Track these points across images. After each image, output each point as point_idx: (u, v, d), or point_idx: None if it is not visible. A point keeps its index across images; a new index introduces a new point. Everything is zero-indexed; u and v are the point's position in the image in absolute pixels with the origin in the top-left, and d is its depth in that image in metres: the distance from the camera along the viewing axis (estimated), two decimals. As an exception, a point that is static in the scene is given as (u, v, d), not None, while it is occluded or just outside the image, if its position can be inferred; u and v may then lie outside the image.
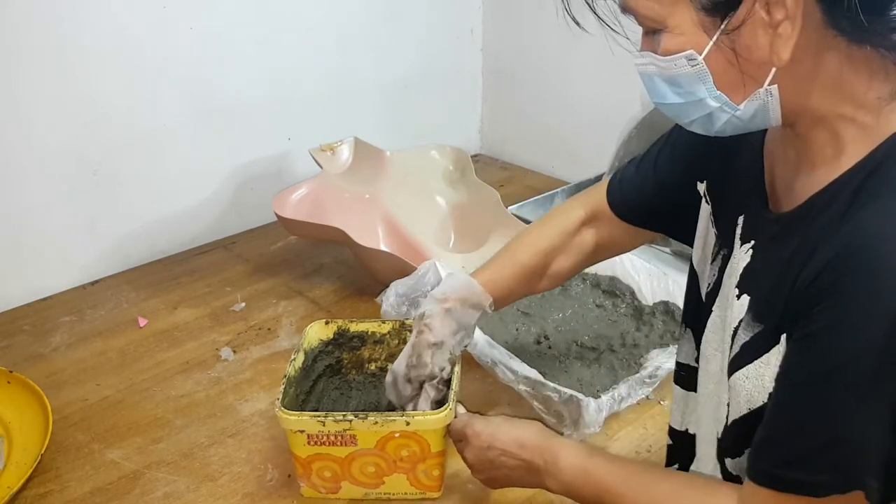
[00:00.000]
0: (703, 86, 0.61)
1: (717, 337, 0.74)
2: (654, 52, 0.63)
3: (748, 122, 0.63)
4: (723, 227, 0.74)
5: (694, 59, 0.60)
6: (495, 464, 0.83)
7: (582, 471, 0.76)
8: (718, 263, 0.74)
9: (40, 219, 1.35)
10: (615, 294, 1.25)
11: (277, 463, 0.97)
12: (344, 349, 1.05)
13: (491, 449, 0.82)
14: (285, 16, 1.55)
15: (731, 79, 0.61)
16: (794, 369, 0.60)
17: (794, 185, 0.65)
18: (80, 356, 1.21)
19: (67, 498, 0.93)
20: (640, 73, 0.66)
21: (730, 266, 0.71)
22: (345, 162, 1.45)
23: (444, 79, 1.91)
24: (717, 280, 0.74)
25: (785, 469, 0.60)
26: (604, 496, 0.74)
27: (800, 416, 0.59)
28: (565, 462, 0.77)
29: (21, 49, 1.24)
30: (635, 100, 1.49)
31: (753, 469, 0.63)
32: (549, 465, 0.78)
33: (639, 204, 0.90)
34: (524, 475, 0.81)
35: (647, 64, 0.64)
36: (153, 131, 1.44)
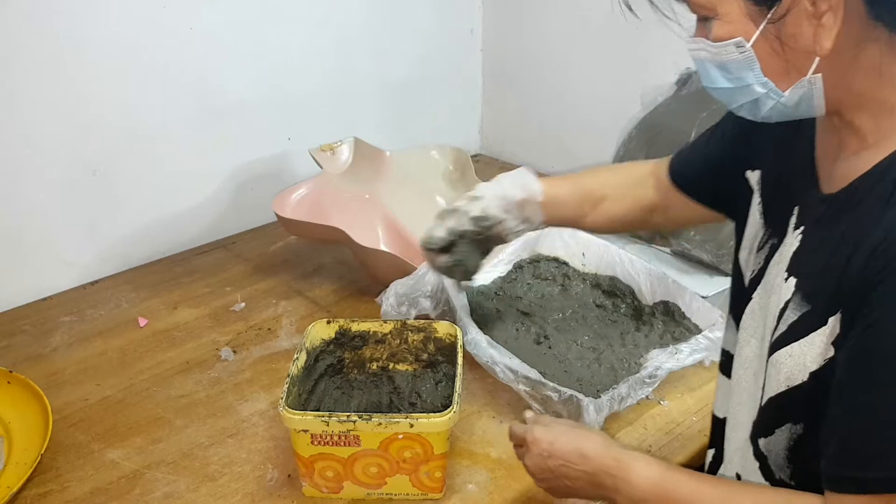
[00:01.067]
0: (750, 72, 0.64)
1: (754, 323, 0.75)
2: (706, 38, 0.66)
3: (793, 108, 0.66)
4: (775, 217, 0.76)
5: (742, 46, 0.63)
6: (556, 473, 0.80)
7: (658, 486, 0.72)
8: (765, 252, 0.75)
9: (40, 219, 1.35)
10: (615, 294, 1.25)
11: (277, 463, 0.97)
12: (345, 349, 1.05)
13: (551, 458, 0.79)
14: (285, 16, 1.55)
15: (776, 66, 0.63)
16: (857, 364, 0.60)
17: (839, 169, 0.67)
18: (80, 356, 1.20)
19: (67, 498, 0.93)
20: (692, 58, 0.69)
21: (778, 254, 0.72)
22: (345, 162, 1.45)
23: (444, 79, 1.91)
24: (761, 268, 0.75)
25: (866, 470, 0.60)
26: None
27: (871, 411, 0.59)
28: (639, 477, 0.74)
29: (21, 49, 1.24)
30: (635, 100, 1.49)
31: (833, 477, 0.62)
32: (619, 480, 0.75)
33: (691, 175, 0.92)
34: (587, 487, 0.78)
35: (699, 49, 0.67)
36: (153, 131, 1.44)
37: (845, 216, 0.64)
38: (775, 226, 0.75)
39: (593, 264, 1.30)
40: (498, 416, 1.05)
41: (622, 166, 1.03)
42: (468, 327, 1.07)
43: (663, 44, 1.58)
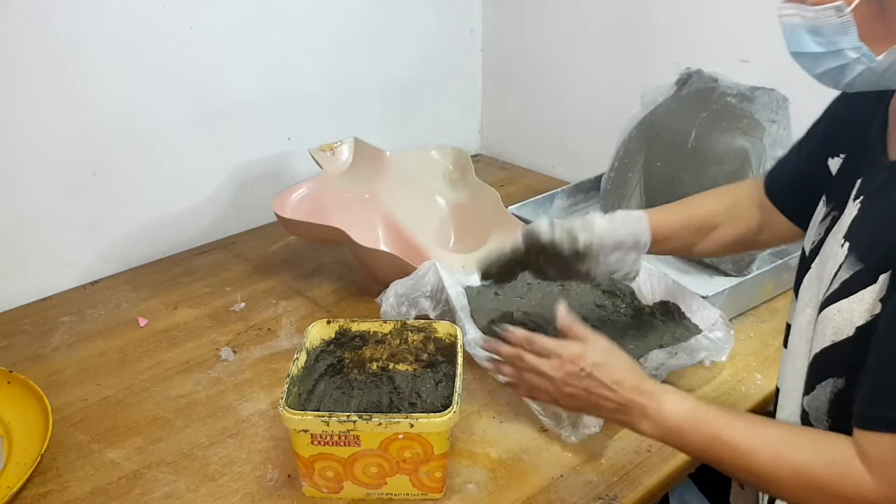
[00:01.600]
0: (845, 36, 0.66)
1: (811, 291, 0.77)
2: (802, 2, 0.67)
3: (881, 75, 0.67)
4: (839, 190, 0.77)
5: (842, 10, 0.65)
6: (586, 391, 0.82)
7: (690, 418, 0.76)
8: (826, 223, 0.77)
9: (40, 219, 1.35)
10: (615, 294, 1.25)
11: (277, 463, 0.97)
12: (345, 349, 1.05)
13: (590, 378, 0.81)
14: (285, 16, 1.55)
15: (875, 31, 0.65)
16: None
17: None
18: (80, 356, 1.20)
19: (67, 498, 0.93)
20: (782, 24, 0.71)
21: (838, 224, 0.74)
22: (345, 162, 1.45)
23: (444, 79, 1.91)
24: (821, 238, 0.77)
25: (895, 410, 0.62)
26: (714, 445, 0.74)
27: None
28: (671, 408, 0.77)
29: (21, 49, 1.24)
30: (635, 100, 1.49)
31: (866, 417, 0.65)
32: (648, 410, 0.78)
33: (788, 188, 0.93)
34: (612, 411, 0.81)
35: (792, 15, 0.69)
36: (153, 131, 1.44)
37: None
38: (838, 198, 0.77)
39: (593, 264, 1.30)
40: (498, 416, 1.05)
41: (727, 190, 1.03)
42: (468, 327, 1.07)
43: (663, 44, 1.59)
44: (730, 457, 0.74)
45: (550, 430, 1.01)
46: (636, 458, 0.97)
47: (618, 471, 0.95)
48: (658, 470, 0.96)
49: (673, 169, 1.39)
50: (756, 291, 1.28)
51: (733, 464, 0.74)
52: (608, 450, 0.99)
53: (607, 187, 1.50)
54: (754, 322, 1.25)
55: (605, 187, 1.51)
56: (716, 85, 1.38)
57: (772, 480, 0.72)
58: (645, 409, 0.78)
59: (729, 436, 0.74)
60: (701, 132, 1.35)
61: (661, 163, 1.41)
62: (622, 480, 0.94)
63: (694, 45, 1.53)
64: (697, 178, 1.35)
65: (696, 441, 0.76)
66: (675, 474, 0.97)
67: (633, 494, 0.92)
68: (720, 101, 1.36)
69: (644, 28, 1.60)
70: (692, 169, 1.36)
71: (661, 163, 1.41)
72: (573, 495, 0.92)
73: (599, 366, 0.81)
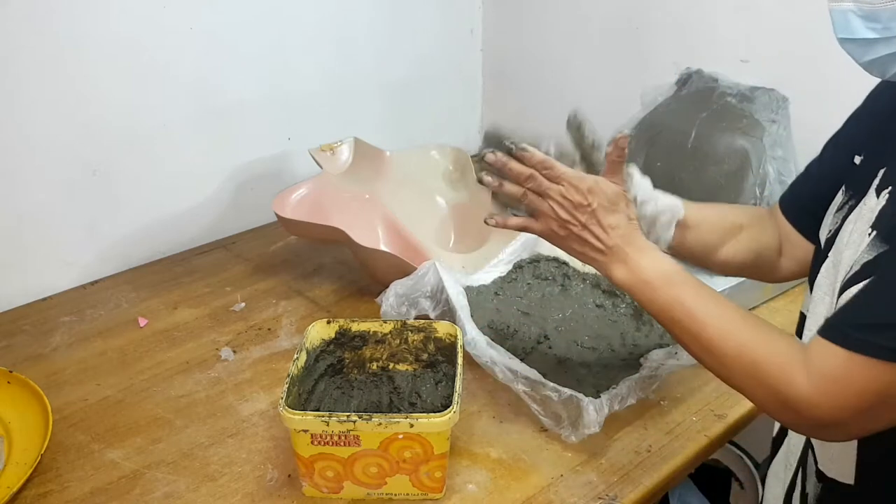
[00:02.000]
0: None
1: (828, 280, 0.77)
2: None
3: None
4: (857, 181, 0.77)
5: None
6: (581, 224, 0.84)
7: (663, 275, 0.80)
8: (843, 213, 0.77)
9: (40, 219, 1.35)
10: (615, 294, 1.25)
11: (277, 463, 0.97)
12: (345, 349, 1.05)
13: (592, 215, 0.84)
14: (286, 16, 1.55)
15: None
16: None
17: None
18: (80, 356, 1.20)
19: (67, 498, 0.93)
20: (831, 10, 0.69)
21: (856, 212, 0.74)
22: (345, 162, 1.45)
23: (444, 79, 1.91)
24: (837, 227, 0.77)
25: (860, 331, 0.63)
26: (674, 305, 0.78)
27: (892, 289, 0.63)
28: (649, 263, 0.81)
29: (21, 49, 1.24)
30: (635, 100, 1.49)
31: (829, 327, 0.66)
32: (630, 258, 0.82)
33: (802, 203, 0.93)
34: (594, 252, 0.84)
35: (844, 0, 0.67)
36: (153, 131, 1.44)
37: None
38: (857, 188, 0.76)
39: (593, 264, 1.30)
40: (498, 416, 1.05)
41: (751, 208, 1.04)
42: (468, 327, 1.07)
43: (663, 44, 1.59)
44: (684, 321, 0.77)
45: (550, 430, 1.01)
46: (636, 458, 0.97)
47: (618, 471, 0.95)
48: (658, 470, 0.96)
49: (673, 169, 1.39)
50: (756, 291, 1.27)
51: (686, 328, 0.77)
52: (608, 450, 0.99)
53: (607, 187, 1.50)
54: (754, 322, 1.25)
55: (605, 187, 1.50)
56: (716, 85, 1.38)
57: (715, 353, 0.75)
58: (626, 256, 0.82)
59: (691, 302, 0.77)
60: (701, 132, 1.35)
61: (661, 163, 1.41)
62: (622, 480, 0.94)
63: (694, 45, 1.53)
64: (697, 178, 1.35)
65: (661, 298, 0.80)
66: (675, 474, 0.97)
67: (633, 494, 0.92)
68: (720, 101, 1.36)
69: (644, 28, 1.60)
70: (692, 169, 1.36)
71: (661, 163, 1.41)
72: (573, 495, 0.92)
73: (603, 207, 0.84)
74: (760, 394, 0.72)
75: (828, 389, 0.66)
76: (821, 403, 0.66)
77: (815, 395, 0.66)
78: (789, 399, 0.68)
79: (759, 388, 0.72)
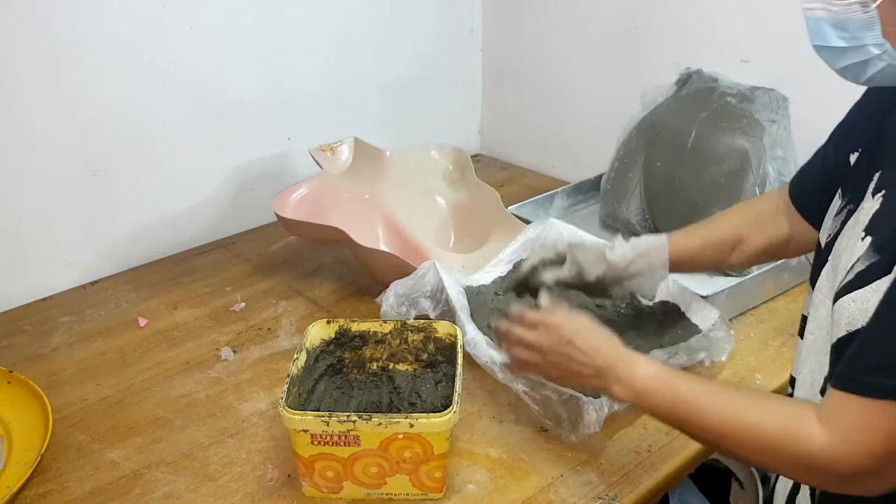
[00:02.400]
0: (869, 32, 0.66)
1: (828, 284, 0.78)
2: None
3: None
4: (854, 185, 0.78)
5: (867, 5, 0.65)
6: (568, 357, 0.87)
7: (657, 381, 0.80)
8: (842, 217, 0.78)
9: (40, 219, 1.35)
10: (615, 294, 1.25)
11: (277, 463, 0.97)
12: (345, 349, 1.05)
13: (570, 345, 0.87)
14: (286, 16, 1.55)
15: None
16: None
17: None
18: (80, 356, 1.20)
19: (67, 498, 0.93)
20: (806, 17, 0.71)
21: (854, 217, 0.75)
22: (345, 162, 1.45)
23: (444, 79, 1.91)
24: (837, 231, 0.78)
25: (872, 375, 0.64)
26: (678, 406, 0.78)
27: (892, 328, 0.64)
28: (641, 372, 0.82)
29: (21, 49, 1.24)
30: (635, 100, 1.49)
31: (841, 377, 0.67)
32: (621, 374, 0.82)
33: (809, 190, 0.94)
34: (590, 378, 0.86)
35: (818, 8, 0.69)
36: (153, 131, 1.44)
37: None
38: (854, 192, 0.77)
39: (593, 264, 1.30)
40: (498, 417, 1.05)
41: (753, 202, 1.05)
42: (468, 327, 1.07)
43: (663, 44, 1.59)
44: (691, 417, 0.77)
45: (550, 430, 1.01)
46: (636, 458, 0.97)
47: (618, 471, 0.95)
48: (658, 470, 0.96)
49: (673, 169, 1.39)
50: (756, 291, 1.28)
51: (694, 424, 0.78)
52: (608, 450, 0.99)
53: (607, 187, 1.50)
54: (754, 322, 1.25)
55: (605, 187, 1.51)
56: (716, 85, 1.38)
57: (728, 439, 0.75)
58: (618, 373, 0.83)
59: (692, 397, 0.77)
60: (701, 132, 1.35)
61: (661, 163, 1.41)
62: (622, 480, 0.94)
63: (694, 45, 1.53)
64: (697, 178, 1.35)
65: (663, 403, 0.80)
66: (675, 474, 0.97)
67: (633, 494, 0.92)
68: (720, 101, 1.36)
69: (644, 28, 1.60)
70: (692, 169, 1.36)
71: (661, 163, 1.41)
72: (573, 495, 0.92)
73: (578, 333, 0.87)
74: (784, 463, 0.73)
75: (851, 439, 0.66)
76: (846, 455, 0.66)
77: (839, 446, 0.66)
78: (810, 458, 0.68)
79: (781, 458, 0.72)
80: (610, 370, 0.84)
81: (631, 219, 1.47)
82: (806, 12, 0.71)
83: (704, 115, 1.36)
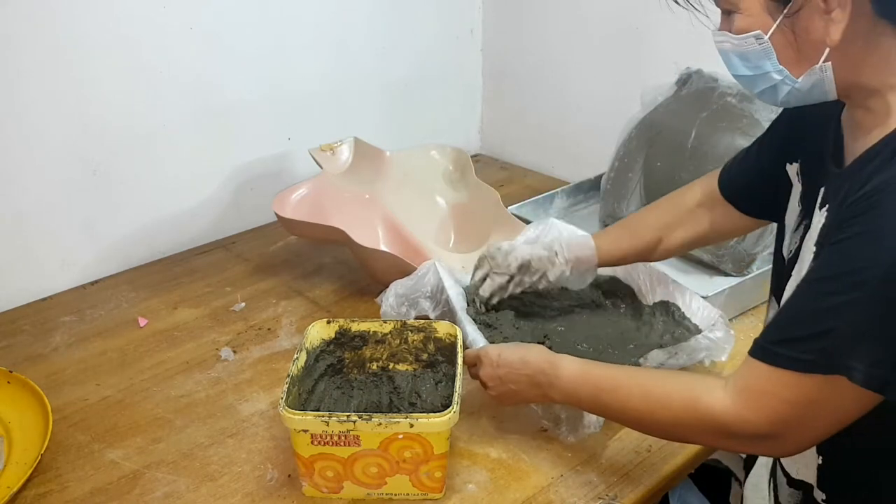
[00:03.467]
0: (768, 61, 0.72)
1: None
2: (729, 31, 0.74)
3: (807, 93, 0.73)
4: (807, 200, 0.82)
5: (761, 38, 0.71)
6: (504, 380, 0.92)
7: (579, 375, 0.86)
8: (800, 232, 0.82)
9: (40, 219, 1.35)
10: (615, 294, 1.25)
11: (277, 463, 0.97)
12: (345, 349, 1.05)
13: (500, 367, 0.92)
14: (286, 16, 1.55)
15: (791, 56, 0.71)
16: (815, 268, 0.70)
17: (855, 147, 0.74)
18: (80, 356, 1.20)
19: (67, 498, 0.93)
20: (717, 49, 0.77)
21: (809, 232, 0.78)
22: (345, 162, 1.45)
23: (444, 79, 1.91)
24: (797, 247, 0.82)
25: (779, 346, 0.69)
26: (600, 395, 0.84)
27: (806, 304, 0.69)
28: (565, 371, 0.87)
29: (20, 49, 1.24)
30: (635, 100, 1.49)
31: (754, 346, 0.72)
32: (550, 377, 0.88)
33: (743, 187, 0.99)
34: (529, 389, 0.91)
35: (723, 41, 0.75)
36: (153, 131, 1.44)
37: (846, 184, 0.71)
38: (807, 207, 0.81)
39: (593, 264, 1.30)
40: (498, 416, 1.05)
41: (670, 199, 1.10)
42: (468, 327, 1.07)
43: (663, 44, 1.59)
44: (611, 402, 0.83)
45: (550, 430, 1.01)
46: (636, 458, 0.97)
47: (618, 471, 0.96)
48: (658, 470, 0.96)
49: (673, 169, 1.39)
50: (756, 291, 1.28)
51: (615, 408, 0.83)
52: (608, 450, 0.99)
53: (607, 187, 1.50)
54: (754, 322, 1.25)
55: (605, 187, 1.51)
56: (716, 85, 1.38)
57: (646, 416, 0.81)
58: (548, 377, 0.88)
59: (608, 384, 0.83)
60: (701, 132, 1.35)
61: (661, 163, 1.41)
62: (622, 480, 0.94)
63: (694, 45, 1.52)
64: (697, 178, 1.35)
65: (587, 396, 0.85)
66: (675, 474, 0.97)
67: (633, 494, 0.92)
68: (720, 101, 1.36)
69: (644, 28, 1.60)
70: (692, 169, 1.36)
71: (661, 163, 1.41)
72: (573, 495, 0.92)
73: (505, 353, 0.93)
74: (695, 430, 0.77)
75: (755, 403, 0.71)
76: (749, 417, 0.71)
77: (742, 409, 0.72)
78: (715, 421, 0.73)
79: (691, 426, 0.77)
80: (541, 376, 0.89)
81: (631, 219, 1.47)
82: (717, 45, 0.76)
83: (704, 115, 1.36)
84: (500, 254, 1.10)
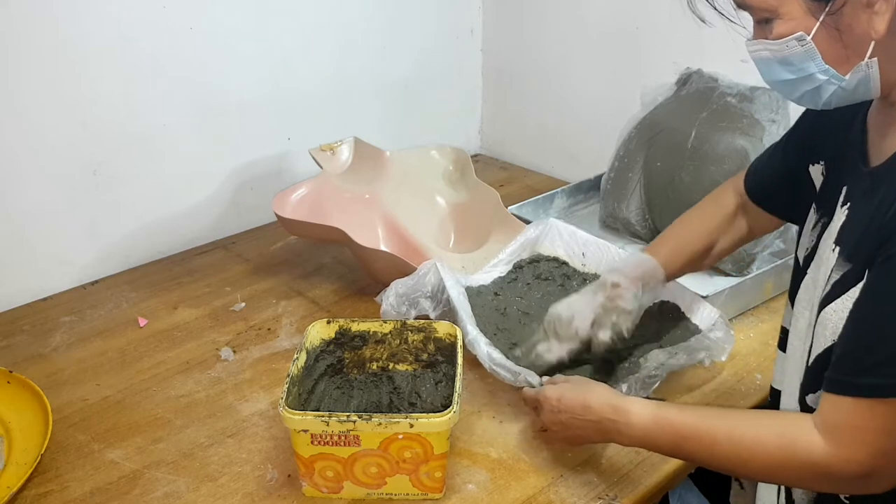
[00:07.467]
0: (812, 62, 0.71)
1: (807, 296, 0.82)
2: (765, 38, 0.73)
3: (852, 92, 0.72)
4: (827, 198, 0.81)
5: (804, 39, 0.70)
6: (567, 425, 0.90)
7: (653, 422, 0.82)
8: (818, 231, 0.81)
9: (40, 219, 1.35)
10: (615, 294, 1.25)
11: (277, 463, 0.97)
12: (345, 349, 1.05)
13: (561, 412, 0.90)
14: (285, 16, 1.55)
15: (836, 54, 0.70)
16: (874, 287, 0.67)
17: (886, 145, 0.73)
18: (80, 356, 1.20)
19: (67, 498, 0.93)
20: (753, 59, 0.77)
21: (828, 230, 0.78)
22: (345, 162, 1.45)
23: (444, 79, 1.91)
24: (814, 245, 0.81)
25: (861, 376, 0.67)
26: (682, 444, 0.80)
27: (876, 327, 0.67)
28: (637, 417, 0.83)
29: (21, 49, 1.24)
30: (635, 100, 1.49)
31: (830, 382, 0.69)
32: (619, 424, 0.84)
33: (769, 190, 0.98)
34: (595, 435, 0.89)
35: (760, 50, 0.75)
36: (153, 131, 1.44)
37: (884, 184, 0.70)
38: (826, 206, 0.80)
39: (593, 264, 1.30)
40: (498, 417, 1.05)
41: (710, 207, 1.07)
42: (468, 328, 1.07)
43: (663, 44, 1.59)
44: (696, 449, 0.79)
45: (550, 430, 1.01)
46: (636, 458, 0.97)
47: (618, 471, 0.95)
48: (658, 470, 0.96)
49: (673, 169, 1.39)
50: (756, 291, 1.28)
51: (701, 455, 0.79)
52: (608, 450, 0.99)
53: (607, 187, 1.50)
54: (754, 322, 1.25)
55: (605, 187, 1.51)
56: (716, 85, 1.38)
57: (736, 463, 0.77)
58: (617, 424, 0.85)
59: (690, 430, 0.79)
60: (701, 132, 1.35)
61: (661, 163, 1.41)
62: (622, 480, 0.94)
63: (694, 45, 1.53)
64: (697, 178, 1.35)
65: (665, 442, 0.81)
66: (675, 474, 0.97)
67: (633, 494, 0.92)
68: (720, 101, 1.36)
69: (644, 28, 1.60)
70: (692, 169, 1.36)
71: (661, 163, 1.41)
72: (573, 495, 0.92)
73: (566, 397, 0.90)
74: (794, 476, 0.74)
75: (851, 439, 0.68)
76: (850, 457, 0.68)
77: (840, 450, 0.68)
78: (816, 466, 0.70)
79: (789, 472, 0.74)
80: (609, 423, 0.85)
81: (631, 219, 1.47)
82: (752, 55, 0.76)
83: (704, 115, 1.36)
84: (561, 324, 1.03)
